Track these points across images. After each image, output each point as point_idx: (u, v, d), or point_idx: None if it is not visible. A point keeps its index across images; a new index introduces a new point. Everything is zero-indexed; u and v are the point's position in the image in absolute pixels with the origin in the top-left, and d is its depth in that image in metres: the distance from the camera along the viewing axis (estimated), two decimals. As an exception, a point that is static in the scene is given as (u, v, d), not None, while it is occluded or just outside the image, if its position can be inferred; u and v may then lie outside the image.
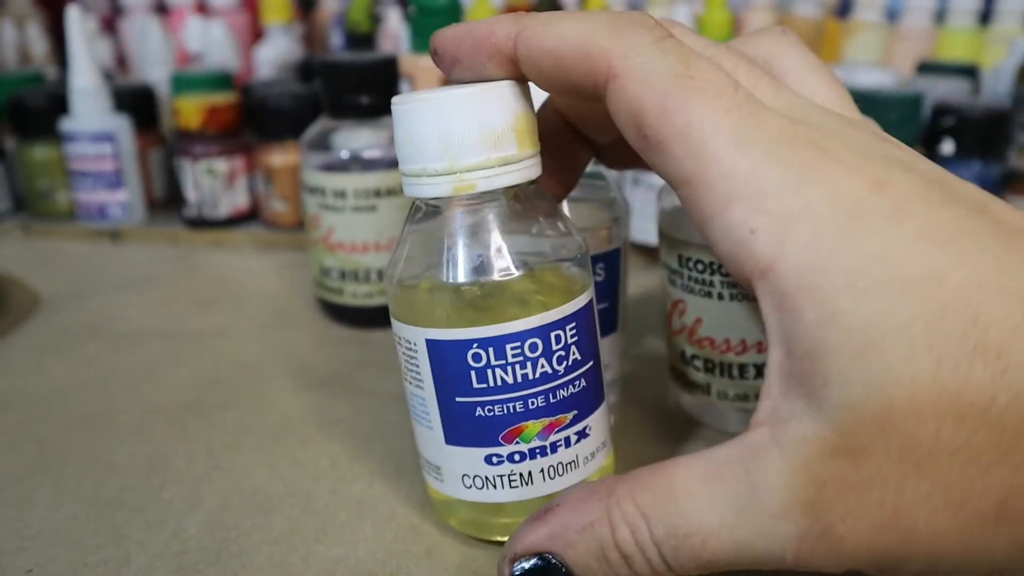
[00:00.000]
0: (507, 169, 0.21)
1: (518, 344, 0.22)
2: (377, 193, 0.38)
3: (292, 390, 0.35)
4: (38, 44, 0.88)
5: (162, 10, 0.90)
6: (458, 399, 0.22)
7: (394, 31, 0.85)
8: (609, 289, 0.29)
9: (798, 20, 0.77)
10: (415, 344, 0.23)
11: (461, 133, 0.20)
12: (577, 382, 0.23)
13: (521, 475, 0.23)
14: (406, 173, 0.22)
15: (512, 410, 0.22)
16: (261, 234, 0.55)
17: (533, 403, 0.22)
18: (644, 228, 0.47)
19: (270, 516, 0.26)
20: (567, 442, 0.23)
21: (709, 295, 0.28)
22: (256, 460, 0.30)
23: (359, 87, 0.38)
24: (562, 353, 0.22)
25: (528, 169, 0.22)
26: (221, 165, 0.54)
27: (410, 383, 0.23)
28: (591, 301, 0.23)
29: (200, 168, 0.54)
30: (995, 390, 0.15)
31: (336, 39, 0.92)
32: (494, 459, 0.23)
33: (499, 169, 0.21)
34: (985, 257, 0.16)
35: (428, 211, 0.23)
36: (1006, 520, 0.16)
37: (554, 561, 0.19)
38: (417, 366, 0.23)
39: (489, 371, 0.22)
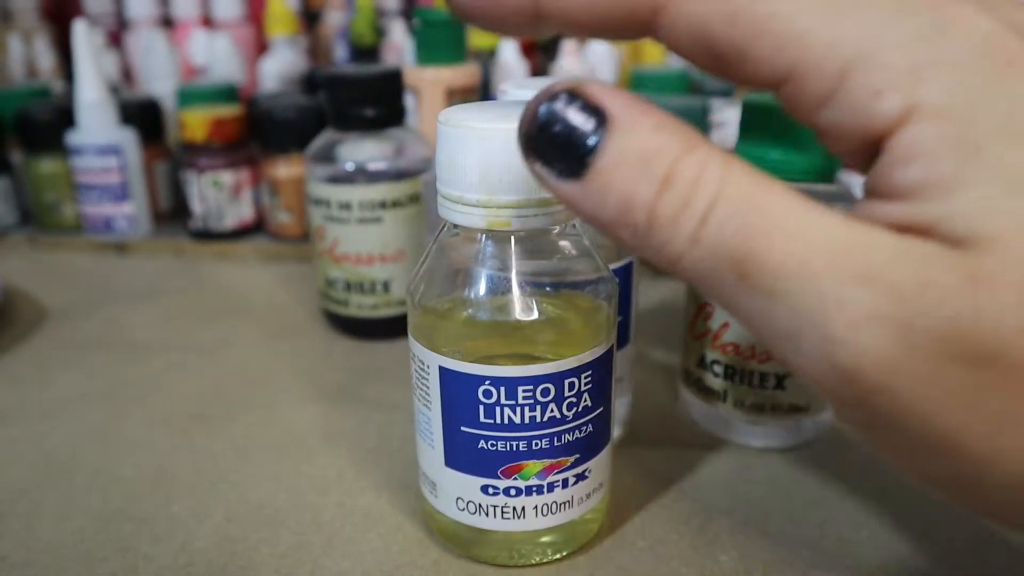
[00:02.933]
0: (545, 211, 0.20)
1: (530, 388, 0.21)
2: (382, 205, 0.38)
3: (298, 402, 0.35)
4: (45, 58, 0.89)
5: (168, 24, 0.91)
6: (463, 428, 0.22)
7: (398, 44, 0.86)
8: (622, 302, 0.29)
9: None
10: (428, 367, 0.23)
11: (503, 169, 0.20)
12: (584, 428, 0.23)
13: (514, 509, 0.23)
14: (443, 195, 0.21)
15: (515, 448, 0.22)
16: (266, 246, 0.55)
17: (537, 444, 0.22)
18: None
19: (277, 529, 0.26)
20: (564, 483, 0.23)
21: None
22: (263, 472, 0.30)
23: (364, 99, 0.38)
24: (573, 400, 0.22)
25: (565, 212, 0.21)
26: (226, 177, 0.54)
27: (419, 400, 0.24)
28: (611, 348, 0.23)
29: (206, 180, 0.54)
30: None
31: (340, 52, 0.92)
32: (490, 490, 0.23)
33: (537, 210, 0.20)
34: None
35: (459, 234, 0.22)
36: None
37: (598, 127, 0.15)
38: (427, 387, 0.23)
39: (498, 408, 0.22)
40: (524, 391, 0.21)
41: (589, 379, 0.22)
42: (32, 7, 0.93)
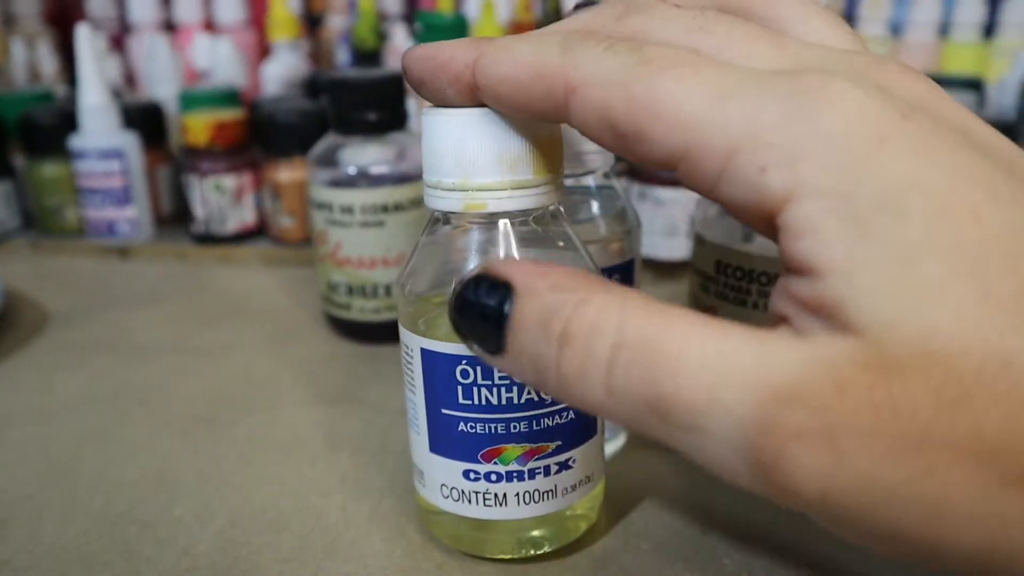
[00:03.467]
0: (521, 193, 0.21)
1: None
2: (384, 208, 0.38)
3: (300, 406, 0.35)
4: (48, 62, 0.89)
5: (170, 28, 0.91)
6: (444, 411, 0.23)
7: (400, 48, 0.86)
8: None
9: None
10: (412, 351, 0.23)
11: (476, 152, 0.20)
12: (564, 413, 0.23)
13: (496, 495, 0.23)
14: (425, 183, 0.22)
15: (493, 431, 0.22)
16: (269, 250, 0.55)
17: (515, 427, 0.22)
18: (651, 242, 0.47)
19: (280, 533, 0.26)
20: (546, 471, 0.23)
21: (743, 303, 0.28)
22: (265, 476, 0.30)
23: (366, 103, 0.38)
24: None
25: (544, 195, 0.21)
26: (229, 181, 0.54)
27: (407, 388, 0.24)
28: None
29: (208, 184, 0.54)
30: None
31: (342, 56, 0.92)
32: (471, 475, 0.23)
33: (512, 192, 0.21)
34: (1018, 208, 0.14)
35: (444, 224, 0.23)
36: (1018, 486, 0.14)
37: (505, 300, 0.17)
38: (412, 372, 0.23)
39: (475, 388, 0.22)
40: (500, 370, 0.21)
41: None
42: (35, 11, 0.94)
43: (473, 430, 0.23)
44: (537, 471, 0.23)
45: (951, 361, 0.13)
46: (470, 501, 0.24)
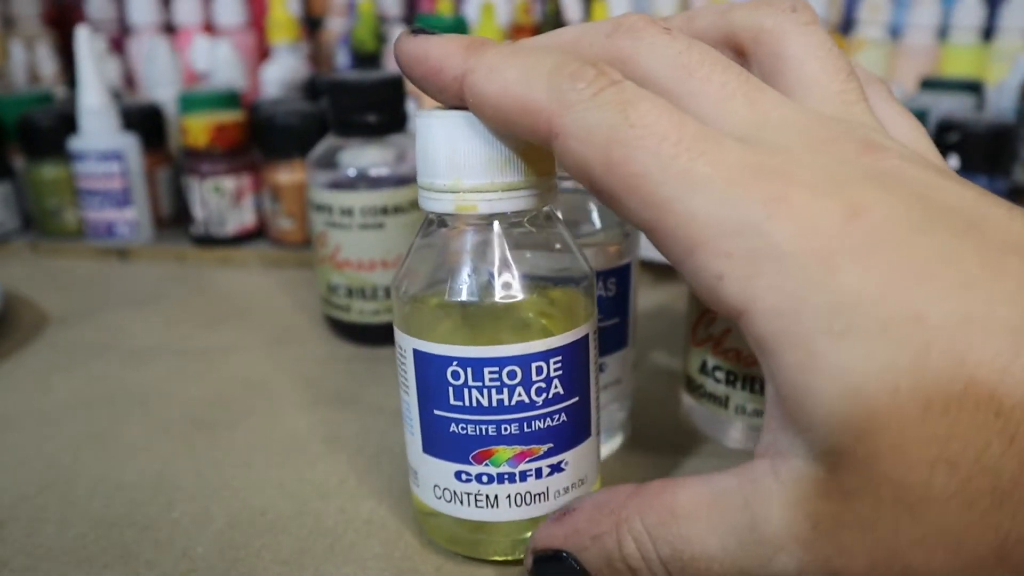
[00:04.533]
0: (512, 195, 0.21)
1: (496, 369, 0.22)
2: (384, 211, 0.38)
3: (300, 408, 0.35)
4: (47, 64, 0.89)
5: (170, 30, 0.91)
6: (435, 411, 0.23)
7: (399, 50, 0.86)
8: (620, 304, 0.29)
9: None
10: (405, 351, 0.23)
11: (466, 154, 0.21)
12: (556, 416, 0.23)
13: (487, 497, 0.23)
14: (419, 184, 0.22)
15: (484, 432, 0.22)
16: (268, 252, 0.55)
17: (506, 429, 0.22)
18: (650, 244, 0.47)
19: (279, 535, 0.26)
20: (538, 473, 0.23)
21: None
22: (265, 478, 0.30)
23: (365, 105, 0.38)
24: (542, 385, 0.22)
25: (536, 197, 0.21)
26: (228, 183, 0.54)
27: (401, 388, 0.24)
28: (586, 336, 0.23)
29: (207, 186, 0.54)
30: (988, 435, 0.14)
31: (342, 58, 0.92)
32: (463, 476, 0.23)
33: (503, 194, 0.21)
34: (969, 290, 0.15)
35: (438, 225, 0.23)
36: (1006, 564, 0.15)
37: (570, 560, 0.20)
38: (405, 372, 0.23)
39: (465, 390, 0.22)
40: (490, 372, 0.22)
41: (559, 365, 0.22)
42: (34, 13, 0.94)
43: (464, 431, 0.22)
44: (528, 473, 0.23)
45: (898, 477, 0.15)
46: (462, 502, 0.24)
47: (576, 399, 0.23)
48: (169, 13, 0.91)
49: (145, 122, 0.59)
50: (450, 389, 0.22)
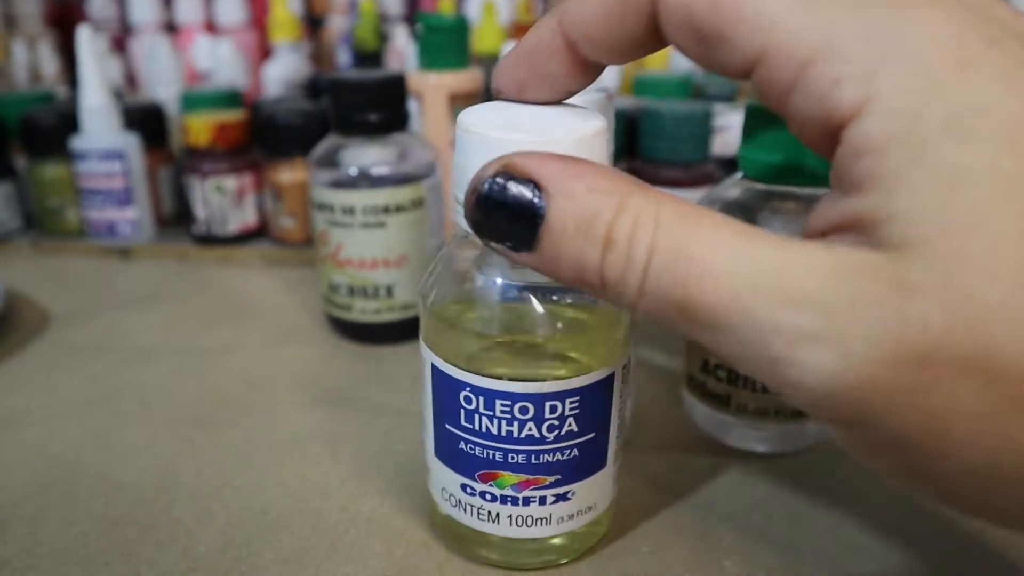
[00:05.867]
0: None
1: (508, 403, 0.21)
2: (386, 210, 0.38)
3: (301, 407, 0.35)
4: (49, 63, 0.89)
5: (171, 29, 0.91)
6: (447, 426, 0.23)
7: (401, 49, 0.86)
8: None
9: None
10: (425, 363, 0.23)
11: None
12: (567, 451, 0.22)
13: (490, 513, 0.23)
14: (454, 198, 0.21)
15: (491, 457, 0.22)
16: (270, 251, 0.55)
17: (513, 458, 0.22)
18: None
19: (280, 534, 0.26)
20: (542, 500, 0.23)
21: None
22: (266, 477, 0.30)
23: (367, 104, 0.38)
24: (555, 423, 0.22)
25: None
26: (230, 182, 0.54)
27: (422, 387, 0.24)
28: (611, 376, 0.22)
29: (209, 185, 0.54)
30: None
31: (344, 57, 0.92)
32: (468, 489, 0.23)
33: None
34: None
35: (468, 240, 0.22)
36: None
37: (537, 199, 0.17)
38: (423, 380, 0.23)
39: (477, 416, 0.22)
40: (502, 405, 0.21)
41: (576, 405, 0.22)
42: (36, 12, 0.94)
43: (472, 452, 0.23)
44: (532, 499, 0.23)
45: (973, 287, 0.14)
46: (465, 511, 0.24)
47: (592, 435, 0.23)
48: (170, 12, 0.91)
49: (147, 121, 0.59)
50: (462, 411, 0.22)
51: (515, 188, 0.17)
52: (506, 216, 0.17)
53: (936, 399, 0.14)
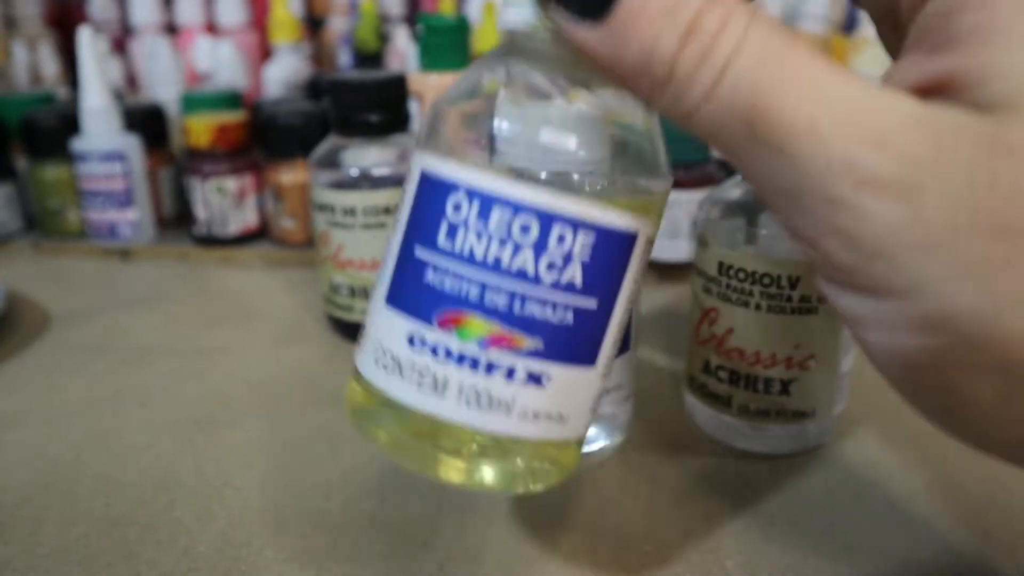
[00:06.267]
0: None
1: (508, 212, 0.17)
2: (386, 210, 0.38)
3: (302, 407, 0.35)
4: (49, 65, 0.89)
5: (172, 30, 0.91)
6: (417, 251, 0.19)
7: (402, 49, 0.86)
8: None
9: (804, 37, 0.77)
10: (412, 177, 0.19)
11: None
12: (559, 309, 0.18)
13: (436, 378, 0.18)
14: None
15: (463, 291, 0.18)
16: (270, 251, 0.55)
17: (490, 297, 0.18)
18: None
19: (281, 534, 0.26)
20: (509, 373, 0.18)
21: (746, 304, 0.28)
22: (266, 477, 0.29)
23: (368, 105, 0.38)
24: (556, 261, 0.18)
25: None
26: (230, 183, 0.54)
27: (393, 229, 0.20)
28: (635, 234, 0.18)
29: (210, 186, 0.54)
30: None
31: (344, 58, 0.92)
32: (416, 341, 0.18)
33: None
34: None
35: (503, 56, 0.19)
36: None
37: None
38: (402, 205, 0.20)
39: (461, 230, 0.18)
40: (500, 214, 0.18)
41: (588, 247, 0.18)
42: (36, 14, 0.94)
43: (441, 284, 0.18)
44: (496, 367, 0.18)
45: None
46: (403, 376, 0.19)
47: (594, 303, 0.18)
48: (171, 13, 0.91)
49: (147, 122, 0.59)
50: (444, 224, 0.18)
51: None
52: None
53: (1006, 279, 0.13)
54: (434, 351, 0.18)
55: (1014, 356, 0.13)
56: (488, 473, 0.19)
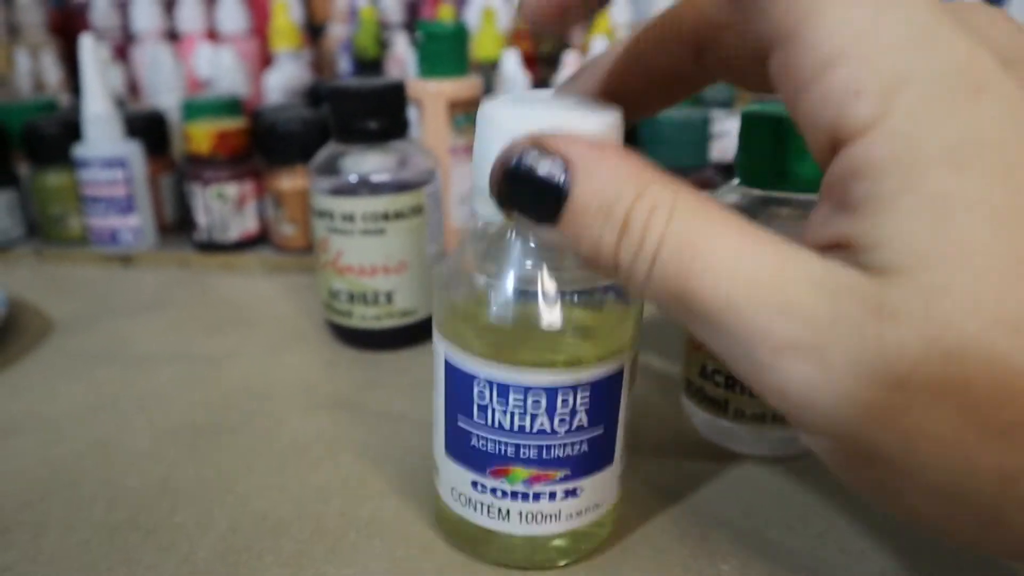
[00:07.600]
0: None
1: (521, 395, 0.22)
2: (385, 216, 0.38)
3: (302, 412, 0.35)
4: (52, 72, 0.89)
5: (173, 38, 0.91)
6: (460, 420, 0.23)
7: (401, 56, 0.86)
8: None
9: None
10: (438, 357, 0.23)
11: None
12: (577, 445, 0.23)
13: (500, 510, 0.24)
14: (473, 185, 0.22)
15: (503, 451, 0.23)
16: (270, 257, 0.55)
17: (524, 452, 0.22)
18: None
19: (280, 539, 0.26)
20: (551, 496, 0.23)
21: None
22: (266, 483, 0.30)
23: (367, 112, 0.38)
24: (565, 416, 0.22)
25: None
26: (231, 189, 0.54)
27: (434, 382, 0.24)
28: (620, 369, 0.23)
29: (210, 193, 0.54)
30: None
31: (344, 64, 0.93)
32: (479, 486, 0.24)
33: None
34: None
35: (487, 228, 0.22)
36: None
37: (563, 176, 0.17)
38: (436, 373, 0.24)
39: (489, 409, 0.22)
40: (515, 396, 0.22)
41: (586, 398, 0.22)
42: (39, 21, 0.94)
43: (484, 447, 0.23)
44: (542, 495, 0.23)
45: (952, 318, 0.14)
46: (475, 509, 0.24)
47: (601, 430, 0.23)
48: (172, 21, 0.91)
49: (148, 129, 0.59)
50: (475, 405, 0.22)
51: (544, 164, 0.17)
52: (532, 190, 0.18)
53: (909, 420, 0.15)
54: (494, 492, 0.23)
55: (920, 485, 0.16)
56: (541, 556, 0.25)
